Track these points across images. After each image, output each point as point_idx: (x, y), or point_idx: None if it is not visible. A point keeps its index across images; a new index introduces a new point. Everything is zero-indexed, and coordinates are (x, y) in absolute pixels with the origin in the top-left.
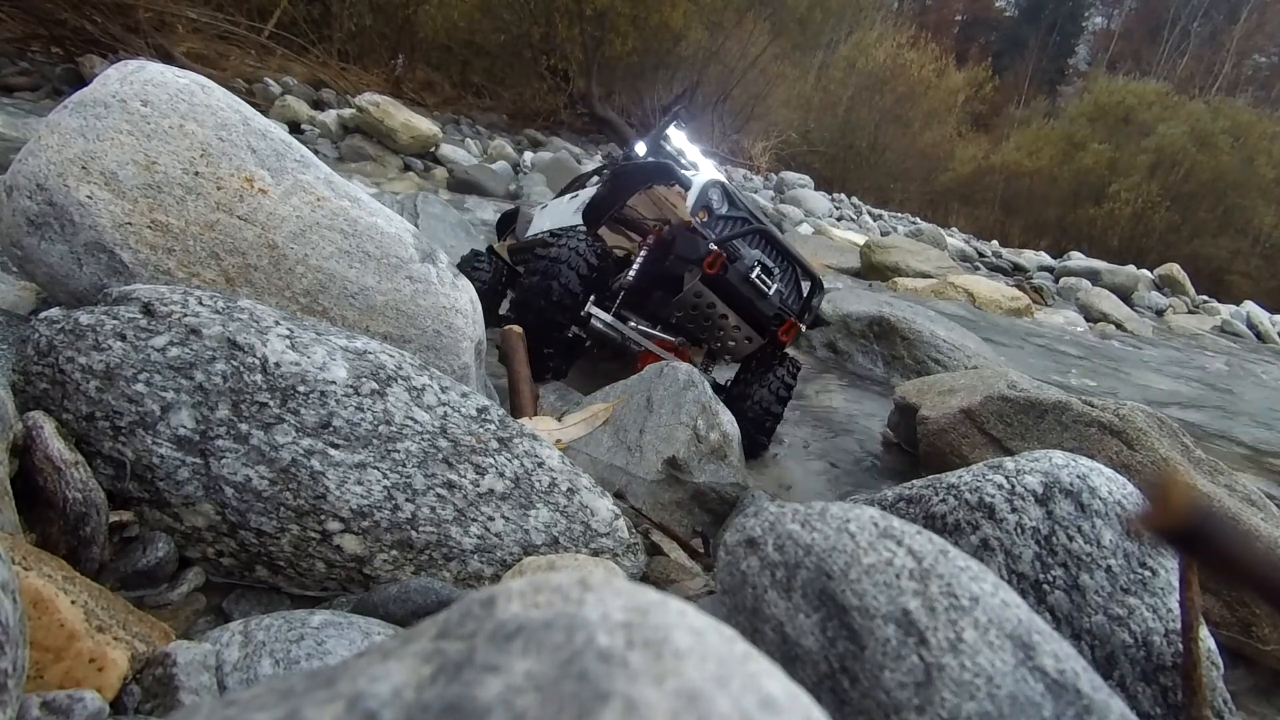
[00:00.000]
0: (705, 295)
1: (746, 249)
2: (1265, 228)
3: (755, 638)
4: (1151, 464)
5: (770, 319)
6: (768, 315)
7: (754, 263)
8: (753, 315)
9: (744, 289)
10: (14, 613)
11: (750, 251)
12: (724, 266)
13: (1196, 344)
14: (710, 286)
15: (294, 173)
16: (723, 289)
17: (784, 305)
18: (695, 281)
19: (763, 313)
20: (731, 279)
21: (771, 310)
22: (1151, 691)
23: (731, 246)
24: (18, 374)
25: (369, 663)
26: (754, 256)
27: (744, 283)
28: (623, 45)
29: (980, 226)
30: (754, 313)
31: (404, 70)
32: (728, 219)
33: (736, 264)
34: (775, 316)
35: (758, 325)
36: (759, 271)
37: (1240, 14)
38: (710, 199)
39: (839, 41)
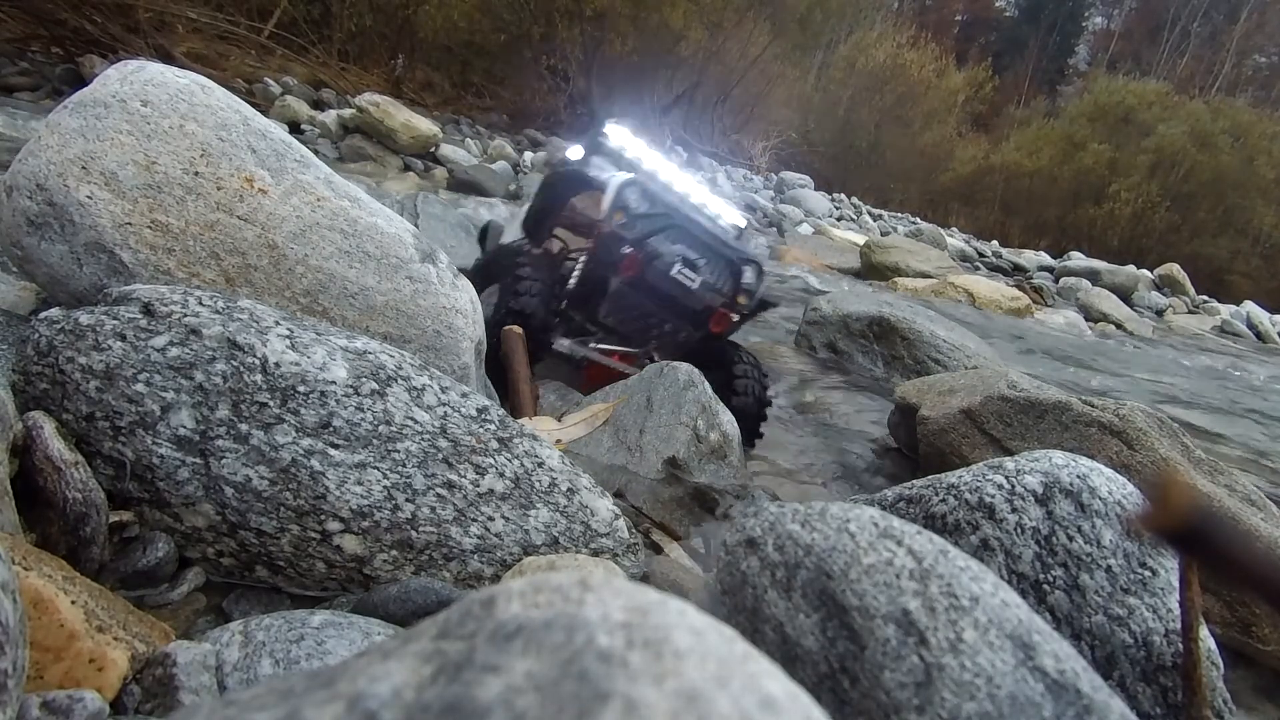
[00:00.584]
0: (630, 297)
1: (667, 246)
2: (1265, 228)
3: (755, 638)
4: (1151, 464)
5: (700, 312)
6: (696, 309)
7: (674, 259)
8: (682, 311)
9: (667, 287)
10: (14, 613)
11: (671, 248)
12: (642, 267)
13: (1196, 344)
14: (634, 288)
15: (294, 173)
16: (646, 289)
17: (714, 295)
18: (619, 285)
19: (691, 308)
20: (652, 279)
21: (699, 304)
22: (1151, 691)
23: (650, 246)
24: (18, 374)
25: (369, 663)
26: (675, 253)
27: (666, 281)
28: (623, 45)
29: (980, 226)
30: (683, 310)
31: (404, 70)
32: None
33: (656, 263)
34: (705, 309)
35: (689, 319)
36: (680, 267)
37: (1240, 14)
38: (626, 199)
39: (839, 41)
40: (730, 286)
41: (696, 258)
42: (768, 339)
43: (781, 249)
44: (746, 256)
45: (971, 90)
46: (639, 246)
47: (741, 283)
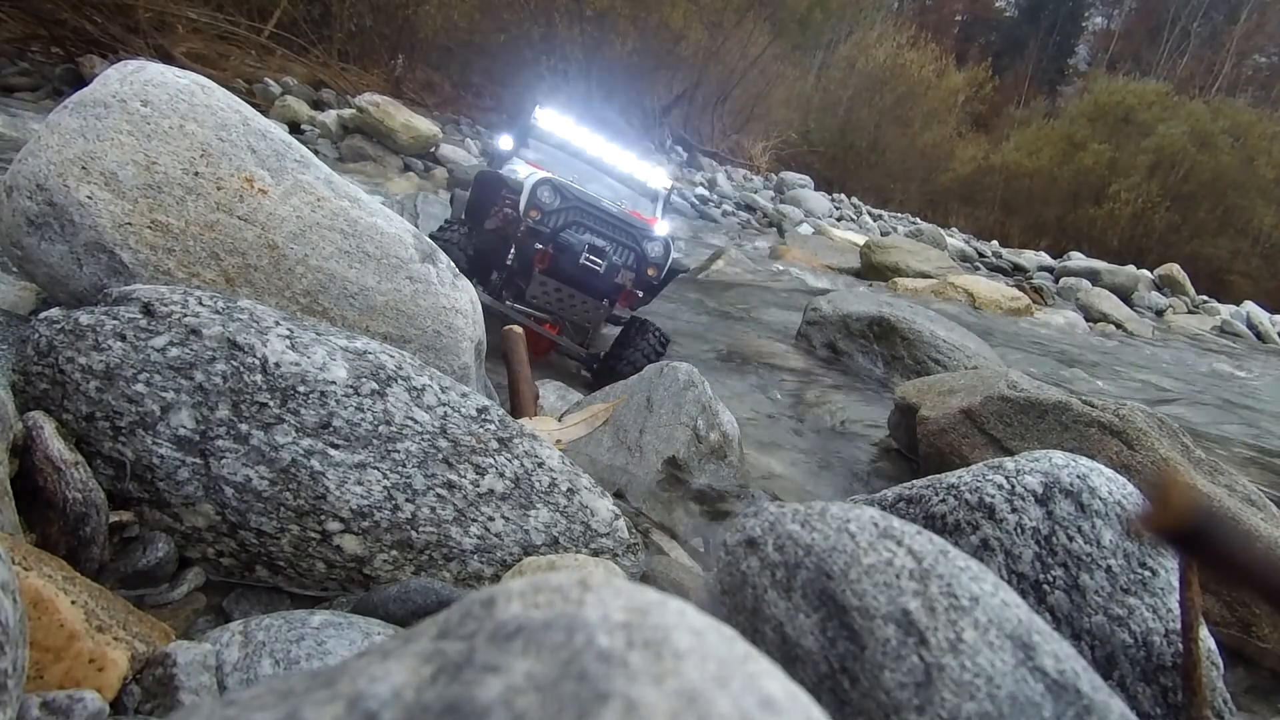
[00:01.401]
0: (549, 284)
1: (577, 237)
2: (1265, 228)
3: (755, 638)
4: (1151, 464)
5: (609, 291)
6: (606, 289)
7: (583, 248)
8: (595, 291)
9: (577, 273)
10: (14, 613)
11: (580, 238)
12: (554, 260)
13: (1196, 344)
14: (550, 276)
15: (294, 173)
16: (561, 276)
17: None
18: (537, 274)
19: (600, 289)
20: (565, 267)
21: (608, 284)
22: (1151, 691)
23: (562, 239)
24: (18, 374)
25: (369, 663)
26: (583, 242)
27: (576, 268)
28: (623, 45)
29: (980, 226)
30: (595, 290)
31: (404, 70)
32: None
33: (566, 254)
34: (613, 287)
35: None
36: (588, 255)
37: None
38: (540, 198)
39: (839, 41)
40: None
41: (603, 245)
42: (768, 339)
43: (781, 249)
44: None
45: (971, 90)
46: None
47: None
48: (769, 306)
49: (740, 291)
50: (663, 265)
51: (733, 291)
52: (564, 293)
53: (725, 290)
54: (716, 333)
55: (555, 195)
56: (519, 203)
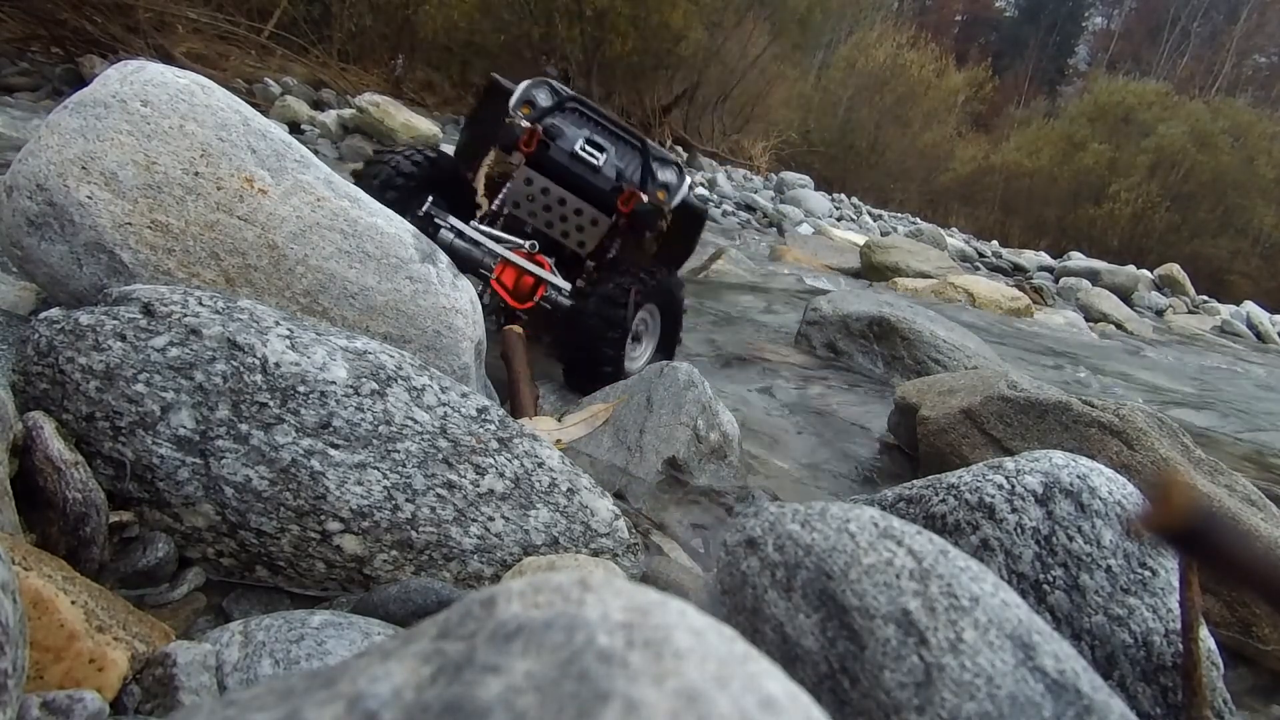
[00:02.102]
0: (535, 180)
1: (572, 128)
2: (1265, 228)
3: (755, 638)
4: (1151, 464)
5: (608, 192)
6: (604, 189)
7: (578, 137)
8: (588, 192)
9: (571, 165)
10: (14, 613)
11: (576, 130)
12: (543, 144)
13: (1196, 344)
14: (537, 170)
15: (294, 173)
16: (550, 170)
17: (622, 178)
18: (520, 166)
19: (597, 186)
20: (556, 156)
21: (608, 184)
22: (1151, 691)
23: (553, 127)
24: (18, 374)
25: (369, 663)
26: (579, 134)
27: (570, 159)
28: (623, 45)
29: (980, 226)
30: (589, 189)
31: (404, 70)
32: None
33: (559, 139)
34: (614, 189)
35: (598, 202)
36: (584, 145)
37: (1240, 14)
38: (533, 95)
39: (839, 41)
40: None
41: (604, 143)
42: (768, 339)
43: (781, 249)
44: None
45: (971, 90)
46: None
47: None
48: (769, 306)
49: (740, 291)
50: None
51: (733, 291)
52: (552, 196)
53: (725, 290)
54: (716, 333)
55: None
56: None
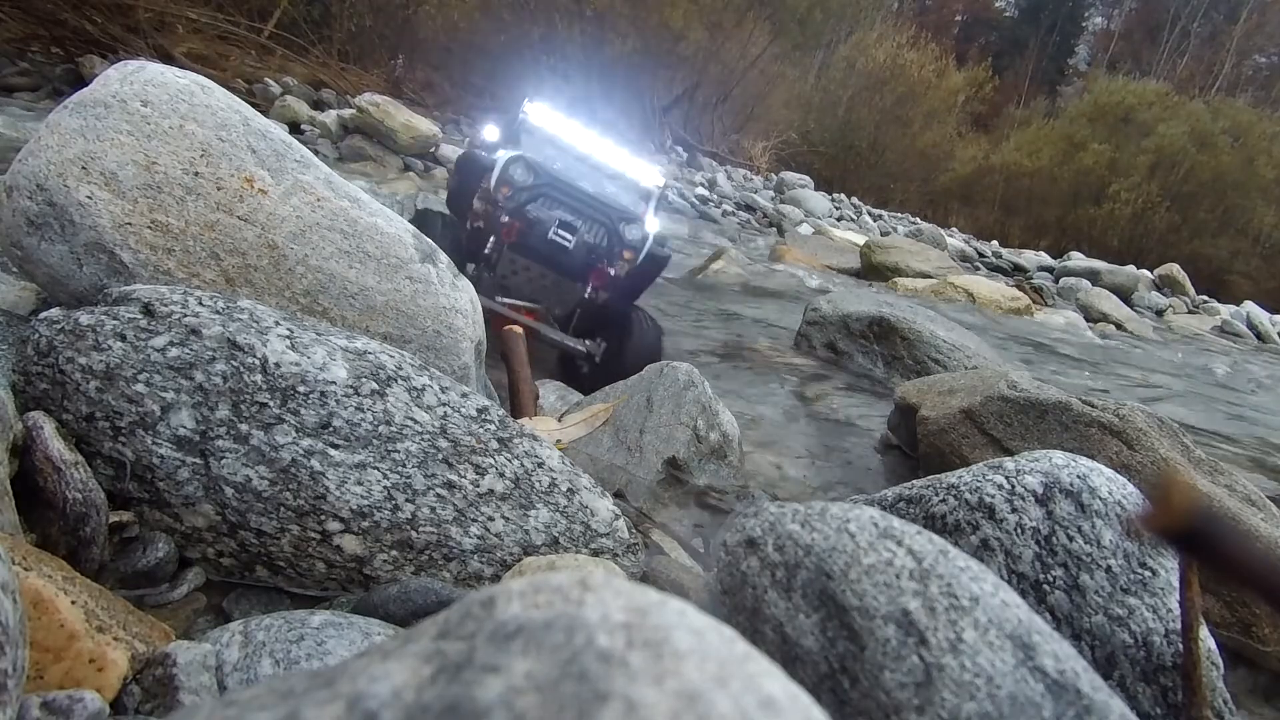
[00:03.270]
0: (518, 260)
1: (546, 212)
2: (1265, 228)
3: (755, 638)
4: (1151, 464)
5: (580, 269)
6: (576, 267)
7: (552, 222)
8: (562, 268)
9: (545, 248)
10: (14, 613)
11: (550, 214)
12: (520, 233)
13: (1196, 344)
14: (518, 253)
15: (294, 173)
16: (528, 251)
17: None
18: (505, 250)
19: (570, 266)
20: (533, 242)
21: (578, 262)
22: (1151, 691)
23: (530, 211)
24: (18, 374)
25: (369, 663)
26: (553, 217)
27: (544, 243)
28: (623, 45)
29: (980, 226)
30: (564, 268)
31: (404, 70)
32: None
33: (535, 227)
34: (584, 265)
35: (573, 277)
36: (557, 230)
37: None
38: (511, 175)
39: (839, 41)
40: (611, 245)
41: (574, 221)
42: (768, 339)
43: (781, 249)
44: (629, 216)
45: (971, 90)
46: (518, 215)
47: (625, 240)
48: (769, 306)
49: (740, 291)
50: (639, 249)
51: (733, 291)
52: (534, 271)
53: (725, 290)
54: (716, 333)
55: (529, 173)
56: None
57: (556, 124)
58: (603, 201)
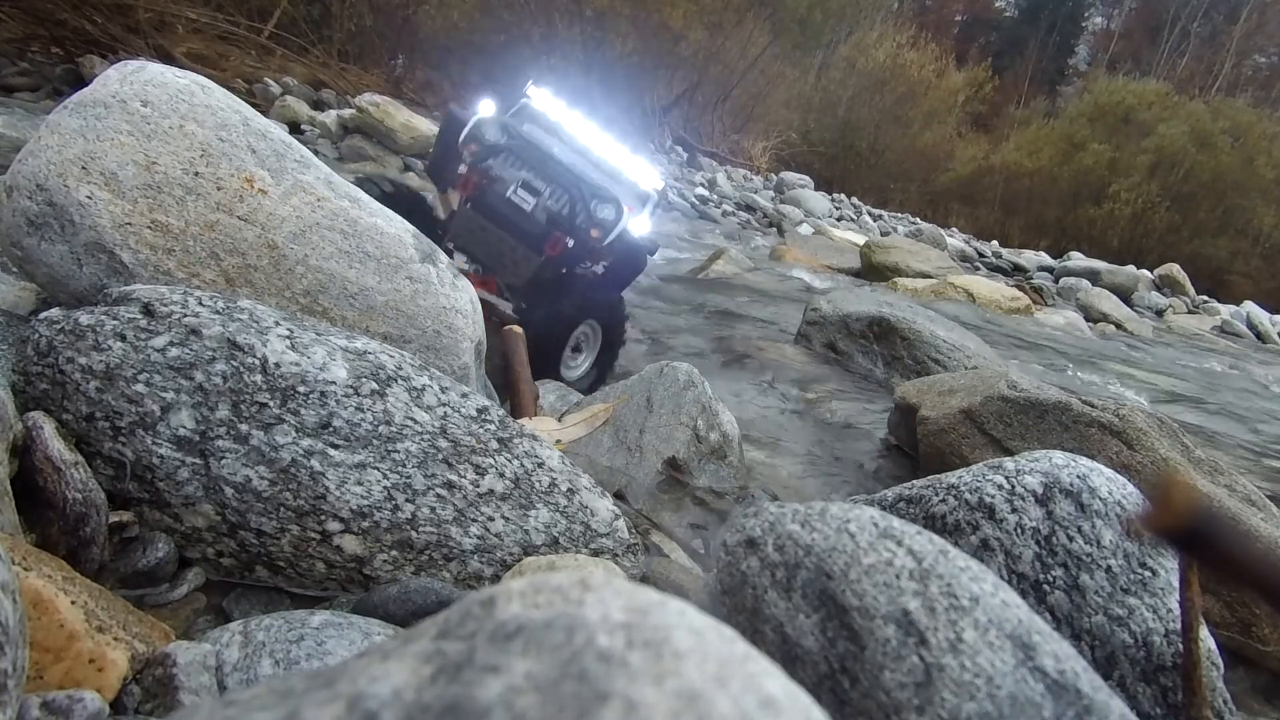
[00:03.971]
0: (474, 219)
1: (510, 171)
2: (1265, 228)
3: (755, 638)
4: (1151, 464)
5: (538, 236)
6: (534, 232)
7: (515, 181)
8: (520, 234)
9: (504, 208)
10: (14, 613)
11: (513, 173)
12: (479, 188)
13: (1196, 344)
14: (475, 209)
15: (294, 173)
16: (486, 210)
17: (554, 221)
18: (463, 206)
19: (527, 230)
20: (490, 200)
21: (537, 228)
22: (1151, 691)
23: (493, 167)
24: (18, 374)
25: (369, 663)
26: (516, 178)
27: (503, 202)
28: (623, 45)
29: (980, 226)
30: (520, 231)
31: (404, 70)
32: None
33: (495, 184)
34: (544, 233)
35: (529, 244)
36: (518, 189)
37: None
38: (480, 133)
39: (839, 42)
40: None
41: (539, 184)
42: (768, 339)
43: (781, 249)
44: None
45: (971, 90)
46: (479, 169)
47: (595, 217)
48: (769, 306)
49: (740, 291)
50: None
51: (733, 291)
52: (490, 233)
53: (725, 290)
54: (716, 333)
55: (501, 134)
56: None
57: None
58: (575, 173)
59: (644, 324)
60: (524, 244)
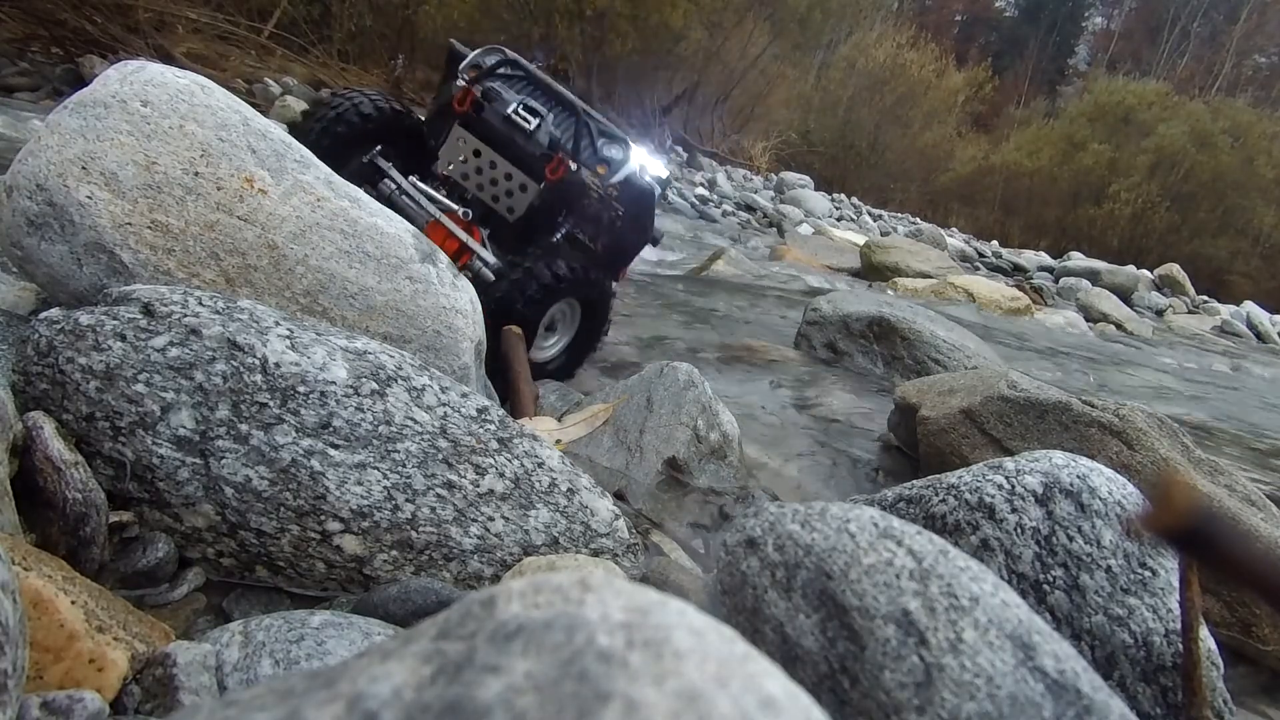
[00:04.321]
0: (467, 140)
1: (509, 93)
2: (1265, 228)
3: (755, 638)
4: (1151, 464)
5: (538, 158)
6: (534, 154)
7: (515, 101)
8: (518, 155)
9: (503, 127)
10: (14, 613)
11: (512, 95)
12: (477, 105)
13: (1196, 344)
14: (470, 130)
15: (294, 173)
16: (481, 131)
17: (556, 146)
18: (455, 125)
19: (527, 151)
20: (489, 118)
21: (538, 149)
22: (1151, 691)
23: (492, 90)
24: (18, 374)
25: (369, 663)
26: (516, 99)
27: (503, 121)
28: (623, 45)
29: (980, 226)
30: (518, 152)
31: (404, 70)
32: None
33: (494, 102)
34: (544, 155)
35: (527, 167)
36: (519, 109)
37: (1240, 14)
38: (482, 60)
39: (839, 41)
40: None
41: (541, 109)
42: (768, 339)
43: (781, 249)
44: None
45: (971, 90)
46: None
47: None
48: (769, 306)
49: (740, 291)
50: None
51: (733, 291)
52: (484, 159)
53: (725, 290)
54: (716, 333)
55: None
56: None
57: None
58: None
59: (644, 324)
60: (523, 168)
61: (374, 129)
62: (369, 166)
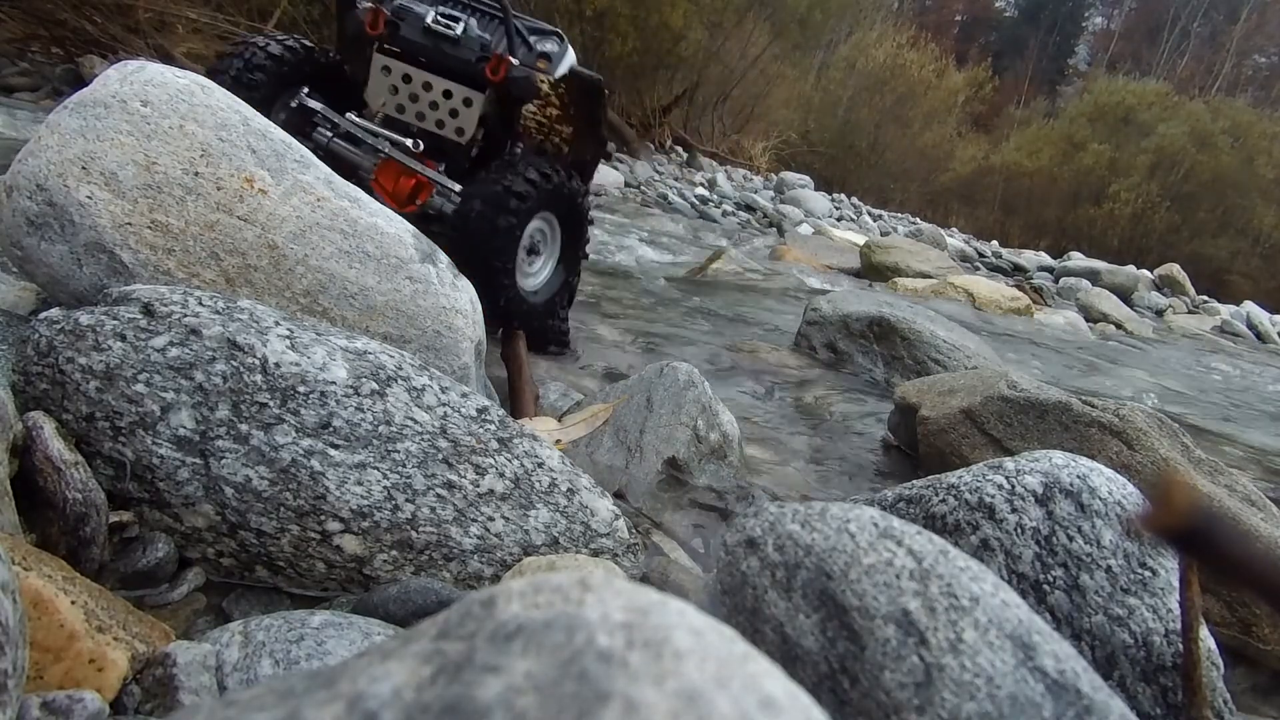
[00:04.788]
0: (392, 67)
1: (422, 4)
2: (1265, 228)
3: (755, 638)
4: (1152, 464)
5: (474, 64)
6: (469, 60)
7: (429, 12)
8: (451, 68)
9: (426, 41)
10: (14, 613)
11: (426, 6)
12: (390, 24)
13: (1196, 344)
14: (391, 55)
15: (294, 173)
16: (405, 48)
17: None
18: (373, 54)
19: (460, 59)
20: (408, 35)
21: (471, 54)
22: (1151, 691)
23: (400, 6)
24: (18, 374)
25: (369, 663)
26: (429, 6)
27: (424, 34)
28: (623, 45)
29: (980, 226)
30: (451, 64)
31: None
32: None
33: (408, 17)
34: (480, 59)
35: (465, 78)
36: (439, 15)
37: (1240, 14)
38: None
39: (839, 41)
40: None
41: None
42: (768, 339)
43: (781, 249)
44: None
45: (971, 90)
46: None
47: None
48: (769, 306)
49: (740, 291)
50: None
51: (733, 291)
52: (415, 84)
53: (725, 290)
54: (716, 333)
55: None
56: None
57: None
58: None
59: (644, 324)
60: (461, 80)
61: (289, 71)
62: (298, 111)
